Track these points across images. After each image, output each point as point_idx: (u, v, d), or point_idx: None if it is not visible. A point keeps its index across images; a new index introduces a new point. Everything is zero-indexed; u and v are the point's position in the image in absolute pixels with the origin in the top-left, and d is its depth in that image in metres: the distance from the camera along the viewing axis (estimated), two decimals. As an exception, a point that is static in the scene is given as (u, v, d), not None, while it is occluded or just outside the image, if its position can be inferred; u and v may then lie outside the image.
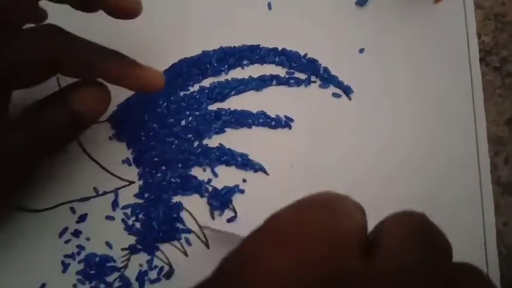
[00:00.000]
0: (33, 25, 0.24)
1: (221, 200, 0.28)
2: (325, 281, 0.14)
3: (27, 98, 0.26)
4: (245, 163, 0.28)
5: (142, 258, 0.27)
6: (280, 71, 0.30)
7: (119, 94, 0.30)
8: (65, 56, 0.23)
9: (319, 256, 0.14)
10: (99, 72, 0.25)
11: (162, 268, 0.27)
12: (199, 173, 0.28)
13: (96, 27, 0.26)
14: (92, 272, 0.27)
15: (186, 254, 0.27)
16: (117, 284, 0.26)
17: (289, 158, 0.28)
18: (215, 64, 0.30)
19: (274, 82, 0.30)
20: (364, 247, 0.15)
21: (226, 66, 0.30)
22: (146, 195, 0.28)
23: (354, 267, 0.14)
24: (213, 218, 0.27)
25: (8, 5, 0.22)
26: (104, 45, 0.25)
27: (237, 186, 0.28)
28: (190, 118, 0.29)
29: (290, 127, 0.29)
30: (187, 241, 0.27)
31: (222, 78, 0.30)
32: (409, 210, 0.17)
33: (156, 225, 0.27)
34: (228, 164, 0.28)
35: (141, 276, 0.27)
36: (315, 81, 0.30)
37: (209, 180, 0.28)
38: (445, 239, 0.16)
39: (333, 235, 0.15)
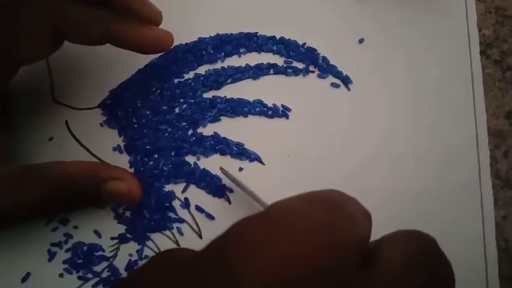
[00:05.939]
0: None
1: (216, 189, 0.27)
2: (315, 282, 0.13)
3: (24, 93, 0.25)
4: (240, 152, 0.27)
5: (132, 247, 0.26)
6: (278, 60, 0.29)
7: (111, 79, 0.29)
8: (68, 18, 0.23)
9: (313, 257, 0.14)
10: (105, 33, 0.24)
11: (152, 258, 0.26)
12: (193, 161, 0.27)
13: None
14: (80, 261, 0.26)
15: (178, 244, 0.26)
16: (105, 273, 0.26)
17: (286, 148, 0.27)
18: (211, 51, 0.29)
19: (271, 71, 0.29)
20: (363, 255, 0.15)
21: (222, 54, 0.29)
22: (137, 183, 0.27)
23: (349, 274, 0.14)
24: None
25: None
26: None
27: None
28: (184, 106, 0.29)
29: (287, 117, 0.28)
30: (179, 231, 0.26)
31: (218, 65, 0.29)
32: (420, 232, 0.16)
33: (148, 214, 0.26)
34: (223, 153, 0.28)
35: (131, 266, 0.26)
36: (313, 71, 0.29)
37: (203, 169, 0.27)
38: (448, 271, 0.15)
39: (333, 236, 0.14)
